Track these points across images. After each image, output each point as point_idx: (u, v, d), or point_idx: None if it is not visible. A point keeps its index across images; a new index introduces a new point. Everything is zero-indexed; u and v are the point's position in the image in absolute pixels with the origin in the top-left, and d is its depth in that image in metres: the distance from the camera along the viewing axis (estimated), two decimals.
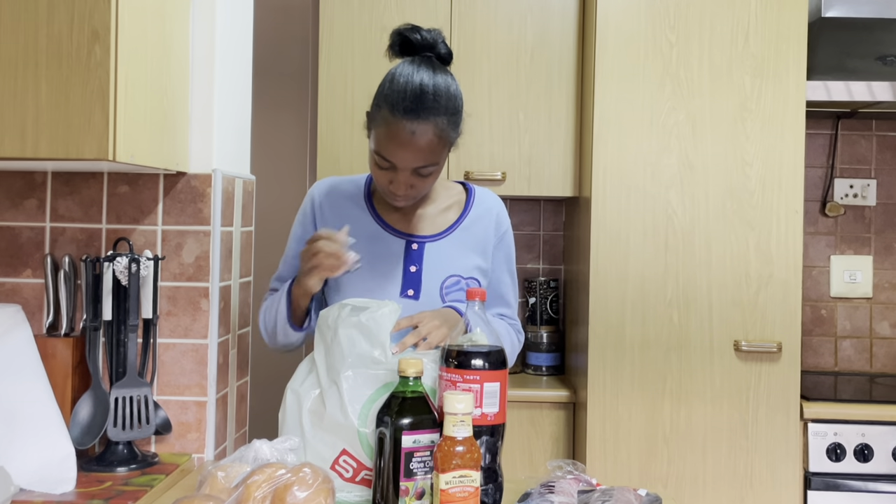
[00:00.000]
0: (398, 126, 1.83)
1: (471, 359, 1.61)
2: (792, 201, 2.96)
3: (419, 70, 1.87)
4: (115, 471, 1.84)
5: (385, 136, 1.85)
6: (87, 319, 1.88)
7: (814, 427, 2.96)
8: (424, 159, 1.87)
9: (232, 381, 2.16)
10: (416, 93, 1.83)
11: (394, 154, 1.86)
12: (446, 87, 1.87)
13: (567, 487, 1.66)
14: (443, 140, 1.88)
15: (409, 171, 1.89)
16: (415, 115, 1.82)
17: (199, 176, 2.03)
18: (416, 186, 1.93)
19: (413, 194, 1.96)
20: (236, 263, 2.17)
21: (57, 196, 2.02)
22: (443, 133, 1.86)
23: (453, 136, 1.92)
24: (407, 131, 1.82)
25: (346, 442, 1.70)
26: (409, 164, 1.87)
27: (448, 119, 1.87)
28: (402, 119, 1.82)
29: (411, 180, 1.91)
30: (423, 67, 1.88)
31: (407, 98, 1.82)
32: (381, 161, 1.90)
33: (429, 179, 1.94)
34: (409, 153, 1.85)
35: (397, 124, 1.83)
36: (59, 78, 1.62)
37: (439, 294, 2.03)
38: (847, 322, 3.65)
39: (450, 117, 1.87)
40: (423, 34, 1.93)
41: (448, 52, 1.97)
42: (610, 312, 2.97)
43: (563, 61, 3.34)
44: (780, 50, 2.96)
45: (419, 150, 1.85)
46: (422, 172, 1.90)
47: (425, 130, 1.83)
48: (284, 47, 3.93)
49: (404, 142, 1.83)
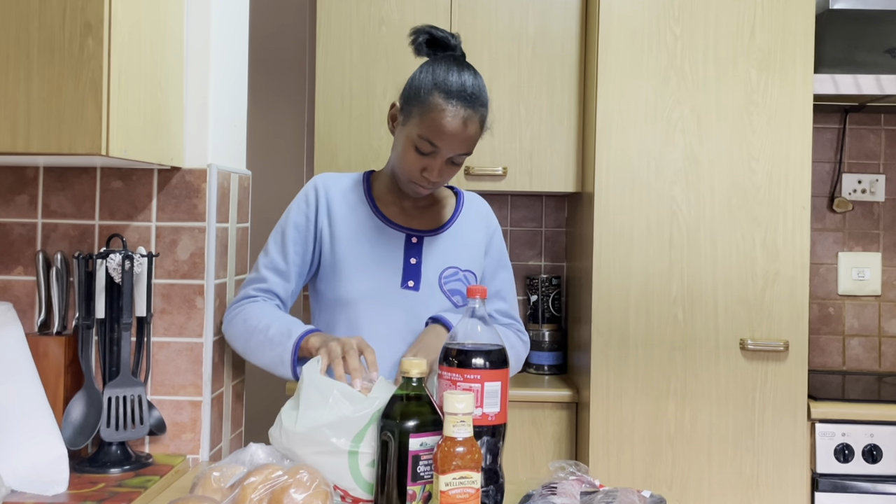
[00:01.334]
0: (454, 113, 1.98)
1: (471, 357, 1.61)
2: (799, 197, 2.96)
3: (462, 67, 2.04)
4: (109, 472, 1.84)
5: (437, 122, 1.98)
6: (80, 317, 1.88)
7: (821, 427, 2.96)
8: (467, 147, 2.03)
9: (227, 380, 2.16)
10: (470, 86, 2.01)
11: (442, 138, 1.99)
12: (484, 86, 2.07)
13: (569, 489, 1.66)
14: (482, 132, 2.06)
15: (445, 158, 2.03)
16: (469, 104, 1.99)
17: (193, 171, 2.02)
18: (444, 175, 2.07)
19: (440, 182, 2.08)
20: (232, 260, 2.17)
21: (49, 191, 2.02)
22: (482, 126, 2.05)
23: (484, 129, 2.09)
24: (462, 118, 1.98)
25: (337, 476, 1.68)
26: (454, 149, 2.01)
27: (486, 113, 2.06)
28: (458, 107, 1.98)
29: (444, 168, 2.05)
30: (463, 65, 2.05)
31: (465, 90, 2.00)
32: (424, 146, 2.01)
33: (455, 169, 2.08)
34: (457, 139, 2.00)
35: (454, 112, 1.98)
36: (51, 71, 1.62)
37: (438, 285, 2.12)
38: (855, 320, 3.65)
39: (487, 114, 2.07)
40: (448, 35, 2.12)
41: (463, 54, 2.13)
42: (613, 310, 2.97)
43: (565, 54, 3.34)
44: (786, 42, 2.96)
45: (467, 137, 2.01)
46: (456, 161, 2.05)
47: (475, 120, 2.01)
48: (281, 39, 3.92)
49: (457, 128, 1.99)
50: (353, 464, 1.68)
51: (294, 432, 1.72)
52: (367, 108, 3.31)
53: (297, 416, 1.73)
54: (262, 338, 1.99)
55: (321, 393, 1.75)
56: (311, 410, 1.73)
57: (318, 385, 1.76)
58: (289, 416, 1.76)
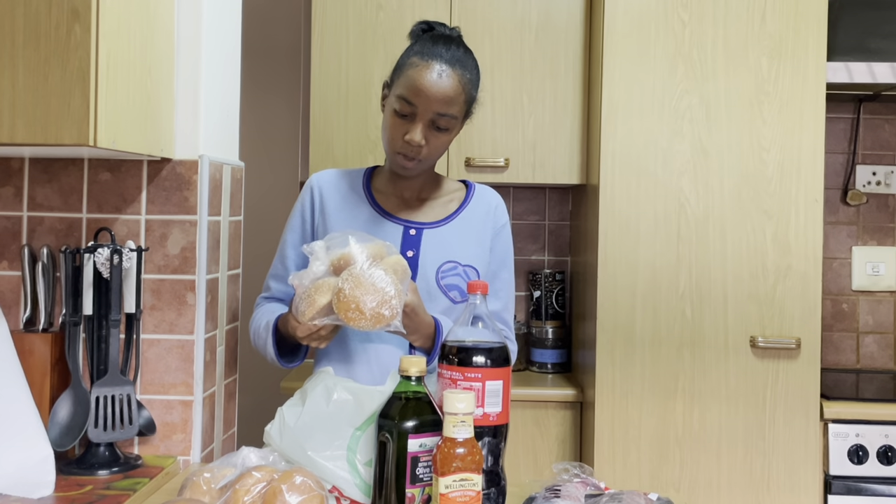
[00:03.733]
0: (428, 67, 2.00)
1: (472, 355, 1.61)
2: (811, 189, 2.96)
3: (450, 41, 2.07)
4: (96, 474, 1.84)
5: (413, 78, 2.01)
6: (67, 314, 1.88)
7: (834, 428, 2.96)
8: (446, 105, 2.01)
9: (219, 379, 2.16)
10: (452, 50, 2.04)
11: (418, 94, 2.00)
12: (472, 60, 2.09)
13: (574, 491, 1.67)
14: (464, 95, 2.04)
15: (427, 120, 2.02)
16: (444, 59, 2.01)
17: (184, 162, 2.02)
18: (429, 143, 2.05)
19: (423, 154, 2.06)
20: (224, 255, 2.17)
21: (35, 184, 2.02)
22: (465, 88, 2.04)
23: (469, 104, 2.09)
24: (436, 71, 2.00)
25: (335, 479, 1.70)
26: (431, 106, 2.00)
27: (471, 80, 2.06)
28: (432, 61, 2.01)
29: (427, 133, 2.03)
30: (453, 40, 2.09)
31: (445, 51, 2.03)
32: (403, 106, 2.02)
33: (441, 139, 2.06)
34: (432, 94, 1.99)
35: (427, 65, 2.00)
36: (37, 59, 1.62)
37: (434, 279, 2.10)
38: (870, 317, 3.65)
39: (472, 82, 2.07)
40: (449, 29, 2.15)
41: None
42: (619, 307, 2.97)
43: (569, 41, 3.34)
44: (798, 29, 2.96)
45: (443, 92, 2.00)
46: (439, 124, 2.03)
47: (452, 76, 2.01)
48: (275, 26, 3.92)
49: (431, 82, 1.99)
50: (352, 464, 1.69)
51: (294, 429, 1.73)
52: (364, 97, 3.31)
53: (301, 413, 1.75)
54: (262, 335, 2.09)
55: (326, 391, 1.77)
56: (315, 408, 1.75)
57: (325, 384, 1.78)
58: (291, 413, 1.77)
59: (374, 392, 1.75)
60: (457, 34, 2.15)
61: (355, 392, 1.76)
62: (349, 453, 1.70)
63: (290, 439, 1.73)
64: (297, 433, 1.73)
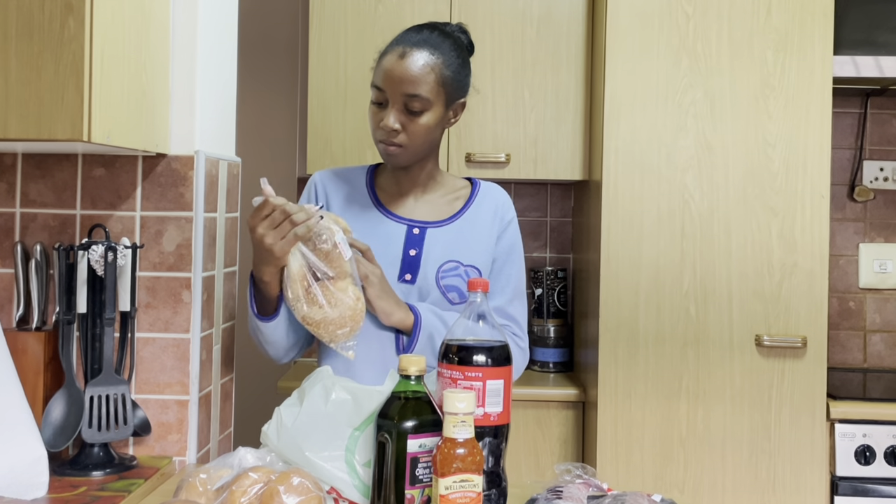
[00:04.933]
0: (392, 51, 2.03)
1: (473, 354, 1.61)
2: (818, 185, 2.96)
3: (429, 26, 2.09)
4: (90, 475, 1.84)
5: (381, 64, 2.04)
6: (61, 312, 1.88)
7: (841, 428, 2.96)
8: (413, 85, 2.00)
9: (216, 378, 2.16)
10: (421, 30, 2.07)
11: (385, 78, 2.01)
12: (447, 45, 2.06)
13: (576, 493, 1.67)
14: (434, 75, 2.02)
15: (399, 104, 2.01)
16: (412, 44, 2.02)
17: (180, 158, 2.02)
18: (405, 128, 2.04)
19: (403, 140, 2.05)
20: (220, 252, 2.17)
21: (28, 179, 2.02)
22: (434, 67, 2.02)
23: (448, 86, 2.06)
24: (399, 53, 2.01)
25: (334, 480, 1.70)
26: (397, 87, 2.00)
27: (443, 61, 2.04)
28: (398, 46, 2.03)
29: (401, 118, 2.02)
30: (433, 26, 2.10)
31: (411, 32, 2.06)
32: (376, 95, 2.04)
33: (419, 125, 2.04)
34: (397, 75, 2.00)
35: (393, 50, 2.03)
36: (30, 52, 1.62)
37: (434, 279, 2.09)
38: (877, 315, 3.65)
39: (446, 64, 2.04)
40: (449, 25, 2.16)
41: (469, 42, 2.18)
42: (622, 305, 2.97)
43: (571, 35, 3.33)
44: (804, 23, 2.96)
45: (408, 72, 2.00)
46: (412, 107, 2.01)
47: (416, 55, 2.01)
48: (272, 19, 3.92)
49: (394, 63, 2.01)
50: (351, 465, 1.69)
51: (292, 429, 1.73)
52: (362, 92, 3.30)
53: (299, 413, 1.75)
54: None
55: (325, 391, 1.77)
56: (313, 408, 1.75)
57: (323, 383, 1.78)
58: (289, 413, 1.77)
59: (373, 392, 1.75)
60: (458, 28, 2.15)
61: (354, 391, 1.76)
62: (347, 454, 1.70)
63: (288, 439, 1.73)
64: (294, 433, 1.73)
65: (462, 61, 2.10)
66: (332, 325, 1.90)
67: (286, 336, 2.05)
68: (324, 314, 1.89)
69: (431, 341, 2.02)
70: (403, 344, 2.05)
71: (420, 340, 2.02)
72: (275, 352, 2.08)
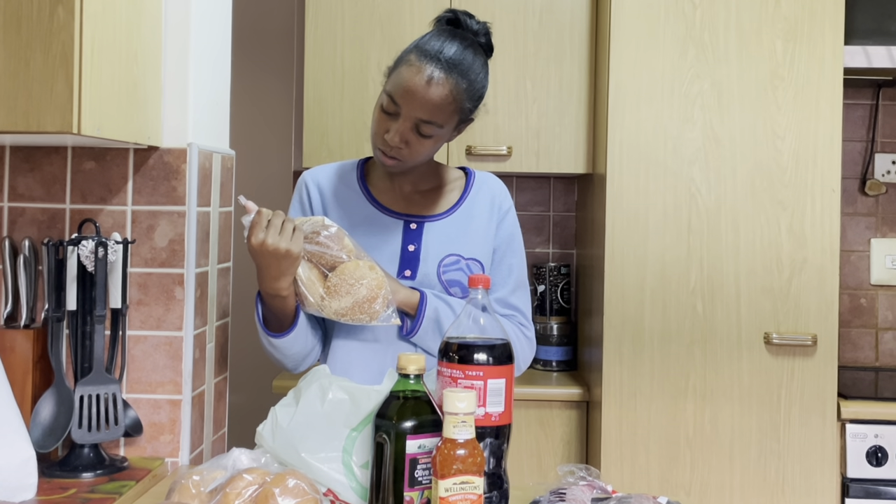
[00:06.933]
0: (419, 69, 1.96)
1: (473, 352, 1.61)
2: (828, 178, 2.96)
3: (454, 37, 2.02)
4: (80, 476, 1.84)
5: (403, 78, 1.97)
6: (50, 309, 1.88)
7: (852, 428, 2.97)
8: (430, 113, 1.97)
9: (209, 377, 2.16)
10: (451, 52, 1.98)
11: (404, 95, 1.96)
12: (477, 66, 2.02)
13: (579, 495, 1.67)
14: (455, 105, 1.99)
15: (410, 123, 1.98)
16: (440, 66, 1.95)
17: (172, 151, 2.02)
18: (410, 145, 2.02)
19: (404, 155, 2.03)
20: (214, 247, 2.17)
21: (16, 173, 2.02)
22: (457, 98, 1.98)
23: (464, 113, 2.04)
24: (425, 75, 1.95)
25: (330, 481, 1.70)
26: (415, 111, 1.96)
27: (467, 90, 1.99)
28: (426, 64, 1.96)
29: (408, 135, 2.00)
30: (458, 36, 2.03)
31: (442, 52, 1.97)
32: (388, 104, 2.00)
33: (425, 145, 2.02)
34: (418, 98, 1.95)
35: (419, 67, 1.96)
36: (18, 43, 1.62)
37: (436, 274, 2.10)
38: (889, 312, 3.65)
39: (469, 92, 2.00)
40: (475, 21, 2.10)
41: (489, 44, 2.12)
42: (627, 302, 2.97)
43: (574, 24, 3.33)
44: (814, 11, 2.95)
45: (429, 99, 1.95)
46: (422, 131, 1.99)
47: (443, 83, 1.96)
48: (267, 8, 3.91)
49: (419, 86, 1.95)
50: (348, 466, 1.69)
51: (287, 430, 1.73)
52: (360, 82, 3.30)
53: (295, 413, 1.75)
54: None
55: (321, 390, 1.77)
56: (309, 408, 1.75)
57: (320, 382, 1.79)
58: (284, 413, 1.77)
59: (371, 391, 1.75)
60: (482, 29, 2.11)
61: (351, 391, 1.76)
62: (345, 455, 1.70)
63: (283, 440, 1.73)
64: (290, 434, 1.73)
65: (484, 84, 2.07)
66: (365, 303, 1.93)
67: (304, 343, 2.08)
68: (353, 298, 1.93)
69: (438, 325, 2.02)
70: (407, 327, 2.06)
71: (424, 324, 2.03)
72: (293, 363, 2.12)
